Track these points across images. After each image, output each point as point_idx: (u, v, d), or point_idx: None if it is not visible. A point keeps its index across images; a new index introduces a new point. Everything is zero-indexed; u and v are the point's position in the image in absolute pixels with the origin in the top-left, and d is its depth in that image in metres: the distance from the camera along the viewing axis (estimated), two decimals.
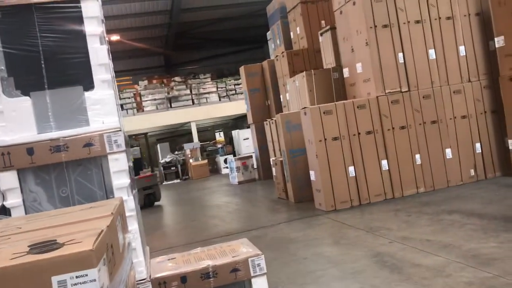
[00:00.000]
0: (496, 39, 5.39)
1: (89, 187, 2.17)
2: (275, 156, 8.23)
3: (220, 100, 17.83)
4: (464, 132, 5.68)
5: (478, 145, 5.69)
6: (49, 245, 1.10)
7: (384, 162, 5.47)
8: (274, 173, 7.37)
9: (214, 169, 16.50)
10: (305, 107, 5.75)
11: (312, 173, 5.66)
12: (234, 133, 16.28)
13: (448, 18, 5.67)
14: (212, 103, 17.46)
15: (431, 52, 5.61)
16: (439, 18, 5.64)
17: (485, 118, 5.74)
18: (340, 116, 5.42)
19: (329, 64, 6.86)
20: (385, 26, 5.49)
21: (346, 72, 6.16)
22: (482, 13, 5.76)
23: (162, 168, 16.32)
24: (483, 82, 5.77)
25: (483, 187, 5.26)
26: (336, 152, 5.39)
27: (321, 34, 7.00)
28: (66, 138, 2.14)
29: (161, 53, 20.48)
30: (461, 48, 5.71)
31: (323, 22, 7.92)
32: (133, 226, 2.18)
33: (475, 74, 5.76)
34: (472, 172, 5.66)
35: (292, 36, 8.79)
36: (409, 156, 5.53)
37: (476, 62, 5.76)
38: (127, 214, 2.05)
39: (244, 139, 14.66)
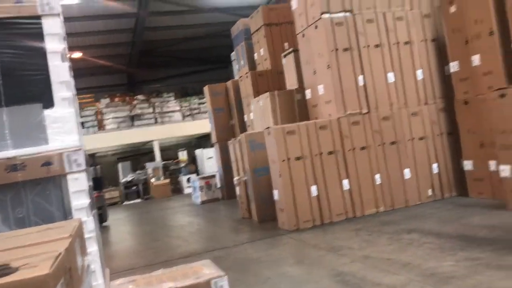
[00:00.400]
0: (451, 64, 5.64)
1: (47, 208, 2.11)
2: (239, 175, 8.21)
3: (183, 119, 17.73)
4: (422, 153, 5.86)
5: (435, 165, 5.88)
6: (2, 269, 1.06)
7: (346, 182, 5.56)
8: (237, 193, 7.35)
9: (177, 189, 16.29)
10: (269, 127, 5.80)
11: (275, 192, 5.68)
12: (198, 152, 16.17)
13: (406, 43, 5.89)
14: (176, 122, 17.34)
15: (390, 75, 5.80)
16: (398, 43, 5.85)
17: (441, 140, 5.95)
18: (303, 136, 5.49)
19: (292, 85, 6.96)
20: (346, 49, 5.65)
21: (308, 93, 6.27)
22: (438, 39, 6.01)
23: (123, 188, 16.00)
24: (440, 105, 5.99)
25: (440, 207, 5.41)
26: (299, 171, 5.44)
27: (284, 56, 7.12)
28: (23, 157, 2.08)
29: (125, 71, 20.25)
30: (419, 72, 5.92)
31: (286, 44, 8.05)
32: (93, 248, 2.12)
33: (432, 97, 5.97)
34: (430, 192, 5.82)
35: (256, 57, 8.90)
36: (369, 176, 5.64)
37: (432, 86, 5.99)
38: (86, 235, 2.00)
39: (208, 158, 14.59)
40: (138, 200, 15.54)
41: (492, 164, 5.13)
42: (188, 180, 14.17)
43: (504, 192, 4.72)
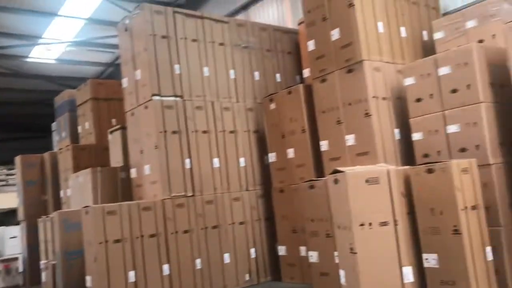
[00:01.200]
0: (269, 154, 6.14)
1: None
2: (47, 258, 7.35)
3: None
4: (242, 237, 6.05)
5: (253, 250, 6.10)
6: None
7: (166, 267, 5.38)
8: (43, 279, 6.53)
9: None
10: (87, 206, 5.41)
11: (88, 278, 5.19)
12: None
13: (232, 132, 6.25)
14: None
15: (216, 160, 6.02)
16: (224, 131, 6.17)
17: (259, 225, 6.26)
18: (124, 218, 5.23)
19: (117, 163, 6.73)
20: (174, 132, 5.74)
21: (134, 172, 6.11)
22: (259, 131, 6.52)
23: None
24: (259, 191, 6.37)
25: None
26: (117, 255, 5.10)
27: (111, 132, 6.92)
28: None
29: None
30: (241, 160, 6.27)
31: (114, 120, 7.88)
32: None
33: (252, 184, 6.33)
34: (247, 276, 5.97)
35: (80, 130, 8.48)
36: (190, 260, 5.57)
37: (253, 173, 6.37)
38: None
39: (11, 238, 12.81)
40: None
41: (303, 250, 5.54)
42: None
43: (312, 277, 5.08)
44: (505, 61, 4.22)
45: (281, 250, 5.90)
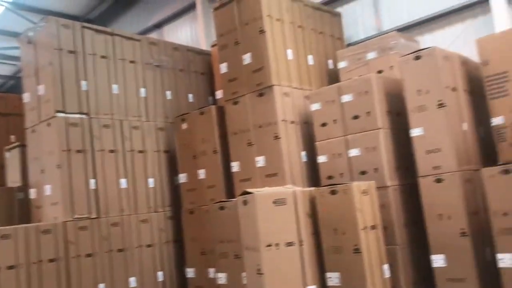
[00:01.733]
0: (180, 175, 6.07)
1: None
2: None
3: None
4: (149, 260, 5.87)
5: (160, 273, 5.93)
6: None
7: None
8: None
9: None
10: None
11: None
12: None
13: (141, 151, 6.10)
14: None
15: (123, 181, 5.82)
16: (132, 150, 6.00)
17: (168, 248, 6.11)
18: (20, 242, 4.85)
19: (14, 182, 6.28)
20: (79, 151, 5.47)
21: (33, 193, 5.72)
22: (170, 151, 6.43)
23: None
24: (168, 213, 6.24)
25: None
26: (10, 283, 4.69)
27: (9, 150, 6.46)
28: None
29: None
30: (150, 180, 6.12)
31: (13, 137, 7.38)
32: None
33: (161, 205, 6.19)
34: None
35: None
36: (93, 285, 5.28)
37: (163, 194, 6.24)
38: None
39: None
40: None
41: (211, 272, 5.50)
42: None
43: None
44: (400, 91, 4.58)
45: (190, 272, 5.81)
